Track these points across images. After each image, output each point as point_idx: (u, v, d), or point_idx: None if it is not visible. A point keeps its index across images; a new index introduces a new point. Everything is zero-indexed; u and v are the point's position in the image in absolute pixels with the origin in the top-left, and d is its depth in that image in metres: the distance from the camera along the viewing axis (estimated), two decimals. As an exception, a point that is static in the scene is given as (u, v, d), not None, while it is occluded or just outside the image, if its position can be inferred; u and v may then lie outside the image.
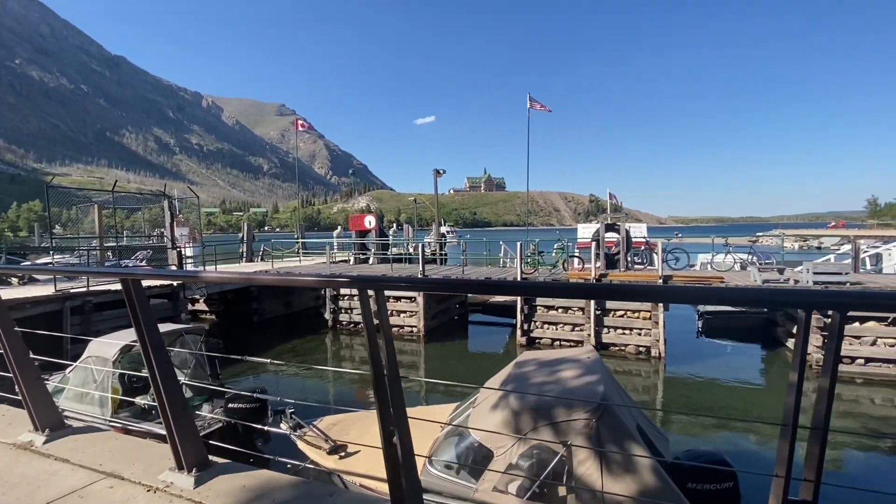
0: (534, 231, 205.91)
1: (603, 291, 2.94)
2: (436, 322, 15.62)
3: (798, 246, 53.52)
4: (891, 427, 9.40)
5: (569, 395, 4.90)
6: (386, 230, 23.18)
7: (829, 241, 54.21)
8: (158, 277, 2.11)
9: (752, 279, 12.51)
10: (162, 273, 2.04)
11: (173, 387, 2.38)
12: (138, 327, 2.24)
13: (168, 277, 2.48)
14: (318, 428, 6.55)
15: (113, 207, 15.74)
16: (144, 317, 2.23)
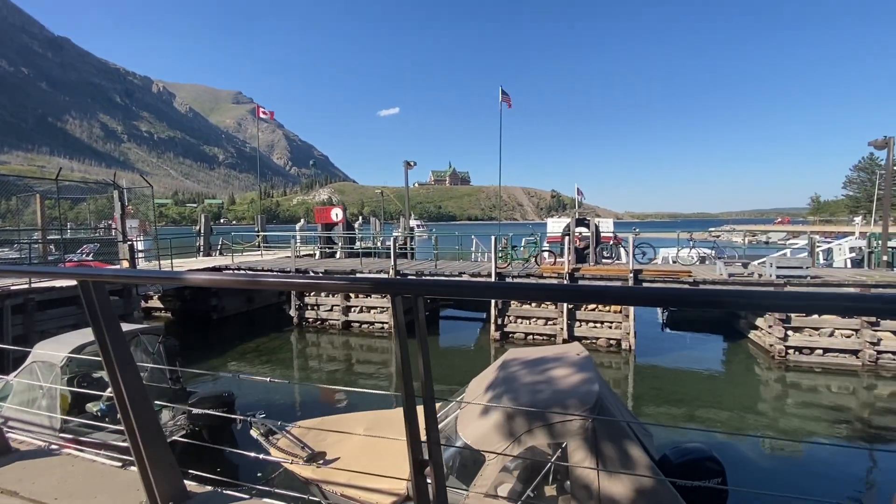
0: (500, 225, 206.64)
1: (615, 295, 2.76)
2: (409, 317, 15.24)
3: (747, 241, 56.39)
4: (846, 414, 9.84)
5: (563, 395, 4.74)
6: (352, 223, 22.56)
7: (776, 237, 57.26)
8: (131, 279, 1.73)
9: (717, 273, 12.85)
10: (138, 274, 1.69)
11: (145, 409, 2.00)
12: (101, 339, 1.85)
13: (142, 279, 2.07)
14: (291, 434, 6.14)
15: (57, 198, 14.47)
16: (110, 328, 1.84)
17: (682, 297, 1.40)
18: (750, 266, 12.98)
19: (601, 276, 12.96)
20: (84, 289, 1.80)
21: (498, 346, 13.47)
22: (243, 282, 1.55)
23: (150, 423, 2.03)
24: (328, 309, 15.23)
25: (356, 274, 14.99)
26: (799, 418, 9.53)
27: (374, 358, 13.46)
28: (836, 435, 8.84)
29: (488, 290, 1.38)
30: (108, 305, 1.86)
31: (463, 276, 14.40)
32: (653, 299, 1.51)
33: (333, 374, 11.92)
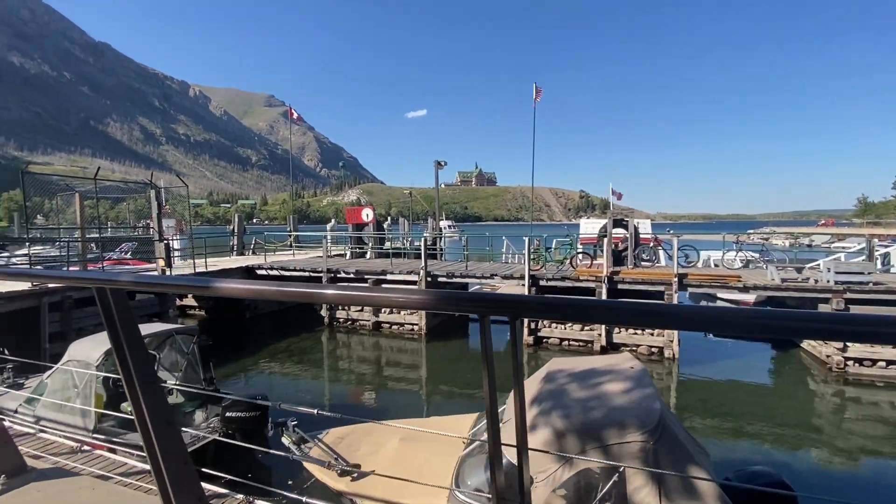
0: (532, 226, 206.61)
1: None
2: (437, 320, 14.99)
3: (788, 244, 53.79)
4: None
5: (620, 413, 4.31)
6: (381, 223, 22.45)
7: (820, 240, 54.59)
8: (152, 286, 1.46)
9: (769, 278, 12.06)
10: (160, 281, 1.50)
11: (170, 434, 1.73)
12: (121, 354, 1.58)
13: (164, 286, 1.85)
14: (324, 443, 5.91)
15: (96, 197, 14.80)
16: (130, 342, 1.58)
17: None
18: (804, 271, 12.11)
19: (642, 280, 12.34)
20: (101, 296, 1.54)
21: (531, 352, 13.01)
22: (298, 294, 1.24)
23: (175, 449, 1.76)
24: (359, 309, 15.07)
25: (386, 274, 14.80)
26: (862, 437, 8.73)
27: (404, 360, 13.22)
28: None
29: (593, 309, 1.05)
30: (130, 315, 1.59)
31: (495, 277, 14.00)
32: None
33: (365, 377, 11.72)
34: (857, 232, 67.23)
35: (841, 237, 55.65)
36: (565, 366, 5.78)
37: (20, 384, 7.61)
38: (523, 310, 1.09)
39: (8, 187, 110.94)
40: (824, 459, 7.86)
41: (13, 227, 40.62)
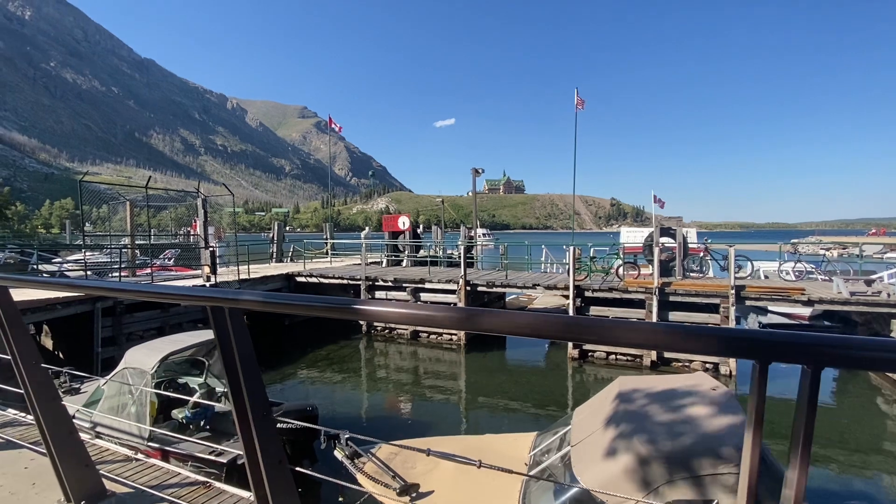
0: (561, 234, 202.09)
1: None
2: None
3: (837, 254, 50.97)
4: None
5: (712, 440, 3.92)
6: (417, 232, 22.37)
7: (871, 249, 51.59)
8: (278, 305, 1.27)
9: (836, 291, 11.26)
10: (288, 301, 1.34)
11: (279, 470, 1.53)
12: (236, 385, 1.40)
13: (296, 307, 1.65)
14: (378, 459, 5.69)
15: (147, 205, 15.26)
16: (246, 370, 1.39)
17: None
18: (875, 284, 11.26)
19: (696, 293, 11.73)
20: (217, 316, 1.35)
21: (576, 366, 12.53)
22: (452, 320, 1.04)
23: (281, 480, 1.57)
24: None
25: (425, 283, 14.62)
26: None
27: (444, 371, 12.96)
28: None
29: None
30: (246, 337, 1.41)
31: (538, 287, 13.61)
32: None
33: (405, 388, 11.51)
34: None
35: (894, 247, 52.44)
36: (639, 385, 5.40)
37: (76, 389, 7.74)
38: (831, 358, 0.81)
39: (60, 196, 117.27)
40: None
41: (64, 234, 42.66)
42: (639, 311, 12.19)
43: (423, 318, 1.07)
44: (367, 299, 1.09)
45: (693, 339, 0.84)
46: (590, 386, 11.61)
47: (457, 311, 1.04)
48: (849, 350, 0.77)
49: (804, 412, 0.84)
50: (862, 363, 0.79)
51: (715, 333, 0.84)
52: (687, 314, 11.84)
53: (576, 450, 4.66)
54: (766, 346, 0.81)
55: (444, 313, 1.04)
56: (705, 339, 0.84)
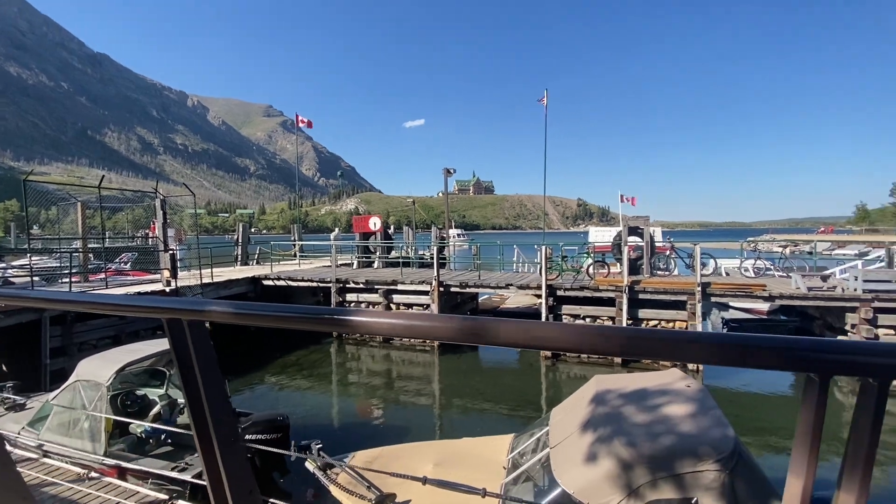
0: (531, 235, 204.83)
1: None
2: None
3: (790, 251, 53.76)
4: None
5: (691, 439, 3.93)
6: (389, 232, 22.10)
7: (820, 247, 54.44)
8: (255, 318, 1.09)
9: (794, 286, 11.74)
10: (263, 312, 1.15)
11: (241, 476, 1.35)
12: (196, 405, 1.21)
13: (269, 319, 1.45)
14: (352, 469, 5.48)
15: (100, 206, 14.42)
16: (208, 383, 1.21)
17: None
18: (830, 279, 11.80)
19: (664, 290, 11.99)
20: (174, 330, 1.17)
21: (549, 364, 12.60)
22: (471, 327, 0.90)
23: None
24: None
25: (397, 284, 14.41)
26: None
27: (417, 373, 12.79)
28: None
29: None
30: (210, 354, 1.23)
31: (510, 287, 13.63)
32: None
33: (378, 393, 11.28)
34: (856, 239, 67.46)
35: (841, 244, 55.68)
36: (615, 384, 5.41)
37: (21, 405, 7.16)
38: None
39: (4, 197, 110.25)
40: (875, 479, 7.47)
41: (9, 238, 40.06)
42: (609, 309, 12.37)
43: (421, 329, 0.92)
44: (354, 308, 0.92)
45: (751, 352, 0.73)
46: (564, 384, 11.69)
47: (461, 322, 0.90)
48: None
49: (867, 432, 0.74)
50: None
51: (770, 345, 0.73)
52: (656, 311, 12.09)
53: (555, 452, 4.60)
54: (829, 359, 0.71)
55: (445, 324, 0.90)
56: (762, 352, 0.73)
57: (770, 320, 15.60)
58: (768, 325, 15.38)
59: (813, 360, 0.71)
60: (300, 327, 1.08)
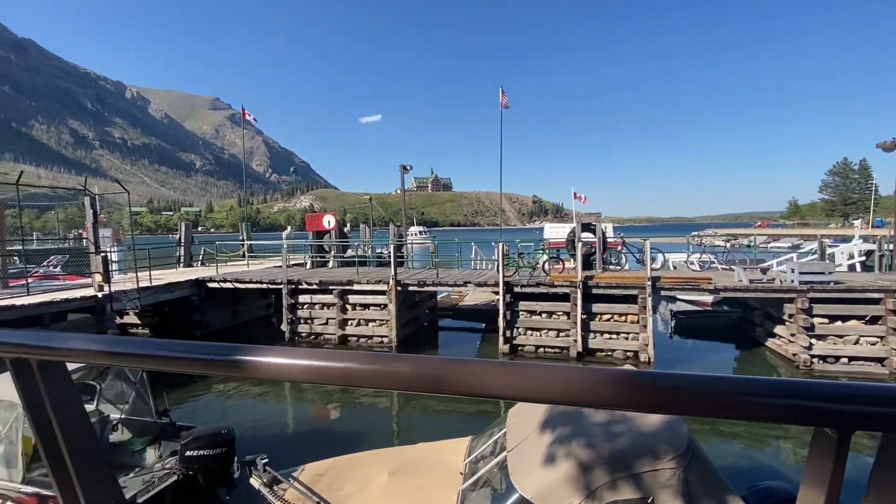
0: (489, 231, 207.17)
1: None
2: (408, 330, 14.34)
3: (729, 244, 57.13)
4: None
5: (648, 438, 3.91)
6: (344, 231, 21.54)
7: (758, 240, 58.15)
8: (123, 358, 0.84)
9: (737, 279, 12.30)
10: (140, 352, 0.90)
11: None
12: (54, 451, 0.95)
13: (141, 359, 1.12)
14: (300, 482, 5.18)
15: (18, 205, 13.13)
16: (66, 430, 0.94)
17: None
18: (770, 272, 12.45)
19: (616, 285, 12.26)
20: (21, 374, 0.90)
21: (508, 360, 12.62)
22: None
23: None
24: (323, 322, 14.18)
25: (353, 284, 14.01)
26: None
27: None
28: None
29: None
30: (74, 402, 0.96)
31: (468, 284, 13.55)
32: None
33: (333, 398, 10.89)
34: (789, 233, 72.68)
35: (776, 238, 59.74)
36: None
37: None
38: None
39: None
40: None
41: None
42: (564, 305, 12.51)
43: (355, 374, 0.71)
44: (269, 347, 0.65)
45: (747, 404, 0.57)
46: (521, 381, 11.72)
47: (416, 364, 0.68)
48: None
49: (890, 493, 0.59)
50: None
51: (772, 394, 0.57)
52: (609, 305, 12.34)
53: (512, 455, 4.49)
54: (851, 411, 0.55)
55: (394, 367, 0.69)
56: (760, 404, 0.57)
57: (714, 311, 16.35)
58: (713, 316, 16.11)
59: (829, 412, 0.56)
60: (190, 371, 0.84)
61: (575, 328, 12.29)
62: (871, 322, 11.11)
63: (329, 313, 14.07)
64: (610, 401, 0.59)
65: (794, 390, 0.56)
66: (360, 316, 13.91)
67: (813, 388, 0.56)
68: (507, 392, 0.62)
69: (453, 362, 0.66)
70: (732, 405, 0.57)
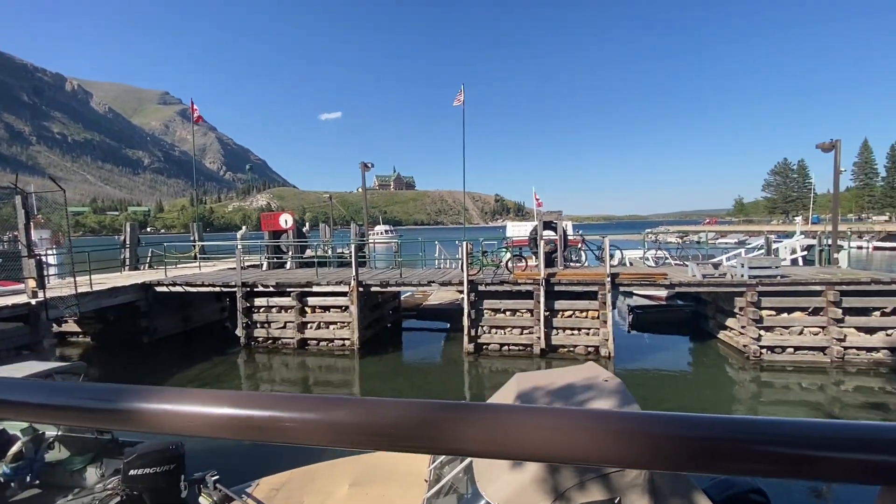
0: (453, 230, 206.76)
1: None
2: (371, 332, 14.02)
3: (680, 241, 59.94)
4: (818, 411, 9.81)
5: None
6: (302, 230, 20.90)
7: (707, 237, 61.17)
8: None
9: (690, 274, 12.71)
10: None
11: None
12: None
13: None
14: (254, 499, 4.88)
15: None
16: None
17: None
18: (721, 267, 12.95)
19: (577, 281, 12.41)
20: None
21: (472, 360, 12.56)
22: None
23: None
24: (281, 326, 13.65)
25: (312, 286, 13.56)
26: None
27: (336, 379, 12.13)
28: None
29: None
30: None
31: (433, 284, 13.38)
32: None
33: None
34: (736, 229, 76.76)
35: (723, 234, 62.95)
36: (536, 382, 5.29)
37: None
38: None
39: None
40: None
41: None
42: (528, 302, 12.56)
43: (272, 425, 0.52)
44: (165, 389, 0.42)
45: (806, 461, 0.42)
46: (487, 379, 11.68)
47: (368, 411, 0.49)
48: None
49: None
50: None
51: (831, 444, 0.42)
52: (571, 302, 12.48)
53: (478, 460, 4.35)
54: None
55: (332, 416, 0.50)
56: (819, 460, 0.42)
57: (669, 306, 16.90)
58: (668, 310, 16.64)
59: (876, 468, 0.42)
60: (54, 421, 0.62)
61: (538, 325, 12.36)
62: (813, 313, 11.73)
63: (287, 316, 13.56)
64: (636, 459, 0.43)
65: (847, 433, 0.42)
66: (321, 318, 13.48)
67: (881, 432, 0.42)
68: (489, 448, 0.46)
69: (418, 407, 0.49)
70: (792, 463, 0.42)
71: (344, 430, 0.50)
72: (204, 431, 0.52)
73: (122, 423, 0.57)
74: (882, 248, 48.49)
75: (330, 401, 0.52)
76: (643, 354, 13.49)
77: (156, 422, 0.54)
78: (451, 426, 0.48)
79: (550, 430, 0.45)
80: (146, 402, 0.55)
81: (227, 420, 0.53)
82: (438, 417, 0.49)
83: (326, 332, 13.43)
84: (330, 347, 13.45)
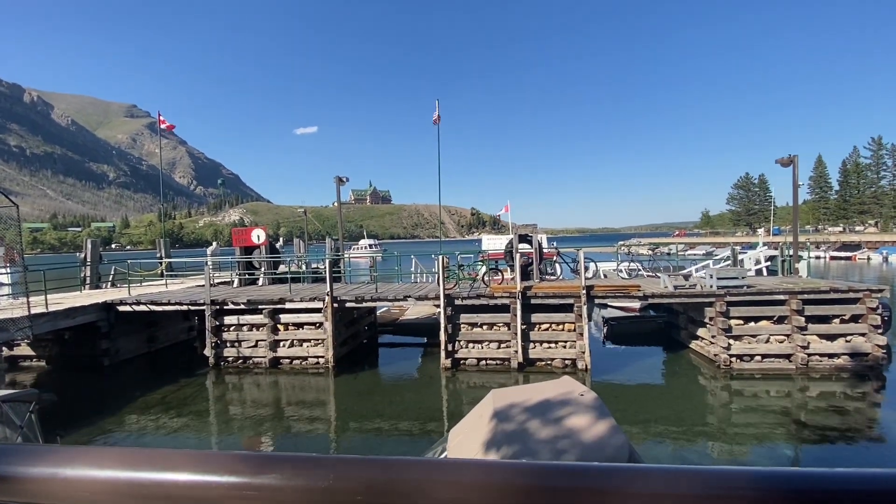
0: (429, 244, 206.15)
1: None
2: (346, 349, 13.75)
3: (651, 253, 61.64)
4: (786, 417, 10.06)
5: (593, 451, 3.83)
6: (276, 246, 20.48)
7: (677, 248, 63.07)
8: None
9: (662, 286, 12.97)
10: None
11: None
12: None
13: None
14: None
15: None
16: None
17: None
18: (692, 278, 13.27)
19: (553, 294, 12.50)
20: None
21: (449, 375, 12.42)
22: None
23: None
24: (252, 345, 13.24)
25: (285, 302, 13.23)
26: (759, 427, 9.51)
27: (310, 398, 11.79)
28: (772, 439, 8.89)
29: None
30: None
31: (409, 298, 13.24)
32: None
33: (265, 425, 10.10)
34: (703, 241, 79.28)
35: (692, 245, 64.96)
36: (513, 398, 5.22)
37: None
38: None
39: None
40: (733, 452, 8.33)
41: None
42: (504, 316, 12.56)
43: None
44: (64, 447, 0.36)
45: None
46: (464, 394, 11.56)
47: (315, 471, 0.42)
48: None
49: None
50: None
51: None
52: (547, 315, 12.54)
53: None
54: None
55: (272, 479, 0.42)
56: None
57: (642, 317, 17.19)
58: (641, 321, 16.92)
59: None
60: None
61: (515, 339, 12.36)
62: (778, 322, 12.11)
63: (259, 335, 13.17)
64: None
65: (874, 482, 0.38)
66: (294, 336, 13.14)
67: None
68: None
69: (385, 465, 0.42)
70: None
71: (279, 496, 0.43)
72: (104, 501, 0.43)
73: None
74: (838, 257, 50.99)
75: (275, 460, 0.45)
76: (619, 366, 13.62)
77: (43, 490, 0.44)
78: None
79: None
80: (31, 464, 0.44)
81: (131, 486, 0.44)
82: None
83: (300, 350, 13.09)
84: (304, 366, 13.11)
